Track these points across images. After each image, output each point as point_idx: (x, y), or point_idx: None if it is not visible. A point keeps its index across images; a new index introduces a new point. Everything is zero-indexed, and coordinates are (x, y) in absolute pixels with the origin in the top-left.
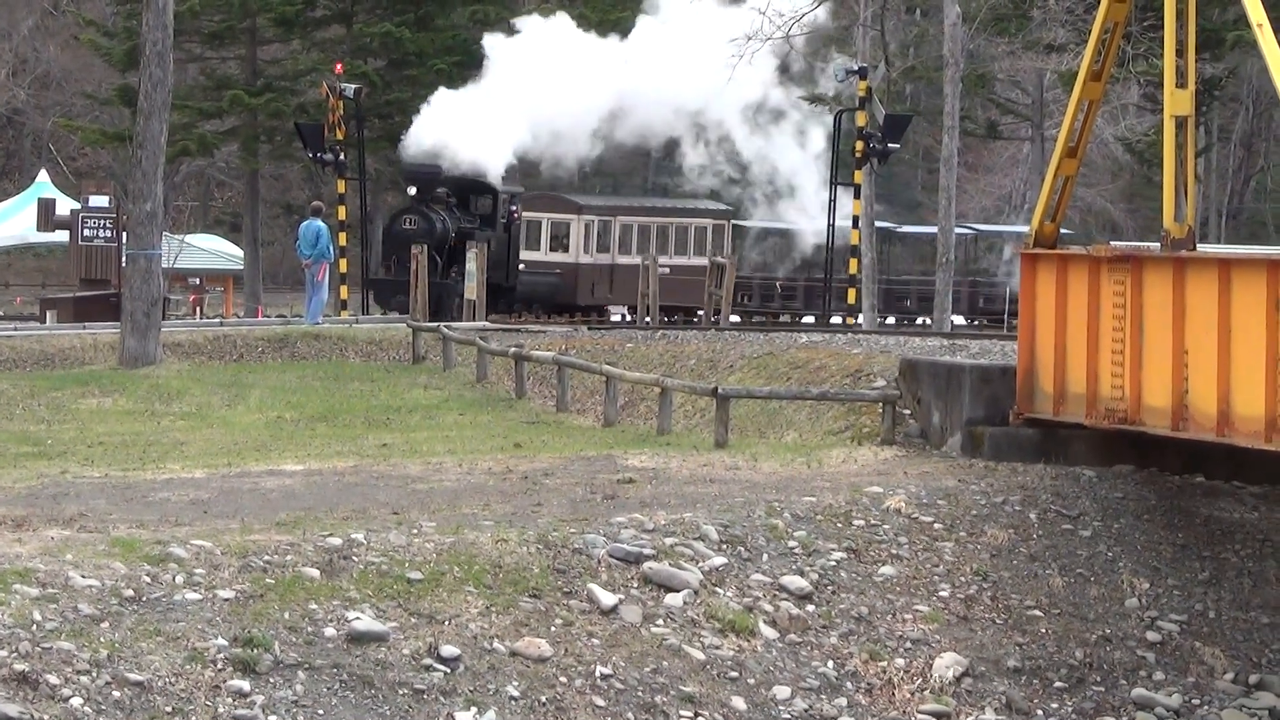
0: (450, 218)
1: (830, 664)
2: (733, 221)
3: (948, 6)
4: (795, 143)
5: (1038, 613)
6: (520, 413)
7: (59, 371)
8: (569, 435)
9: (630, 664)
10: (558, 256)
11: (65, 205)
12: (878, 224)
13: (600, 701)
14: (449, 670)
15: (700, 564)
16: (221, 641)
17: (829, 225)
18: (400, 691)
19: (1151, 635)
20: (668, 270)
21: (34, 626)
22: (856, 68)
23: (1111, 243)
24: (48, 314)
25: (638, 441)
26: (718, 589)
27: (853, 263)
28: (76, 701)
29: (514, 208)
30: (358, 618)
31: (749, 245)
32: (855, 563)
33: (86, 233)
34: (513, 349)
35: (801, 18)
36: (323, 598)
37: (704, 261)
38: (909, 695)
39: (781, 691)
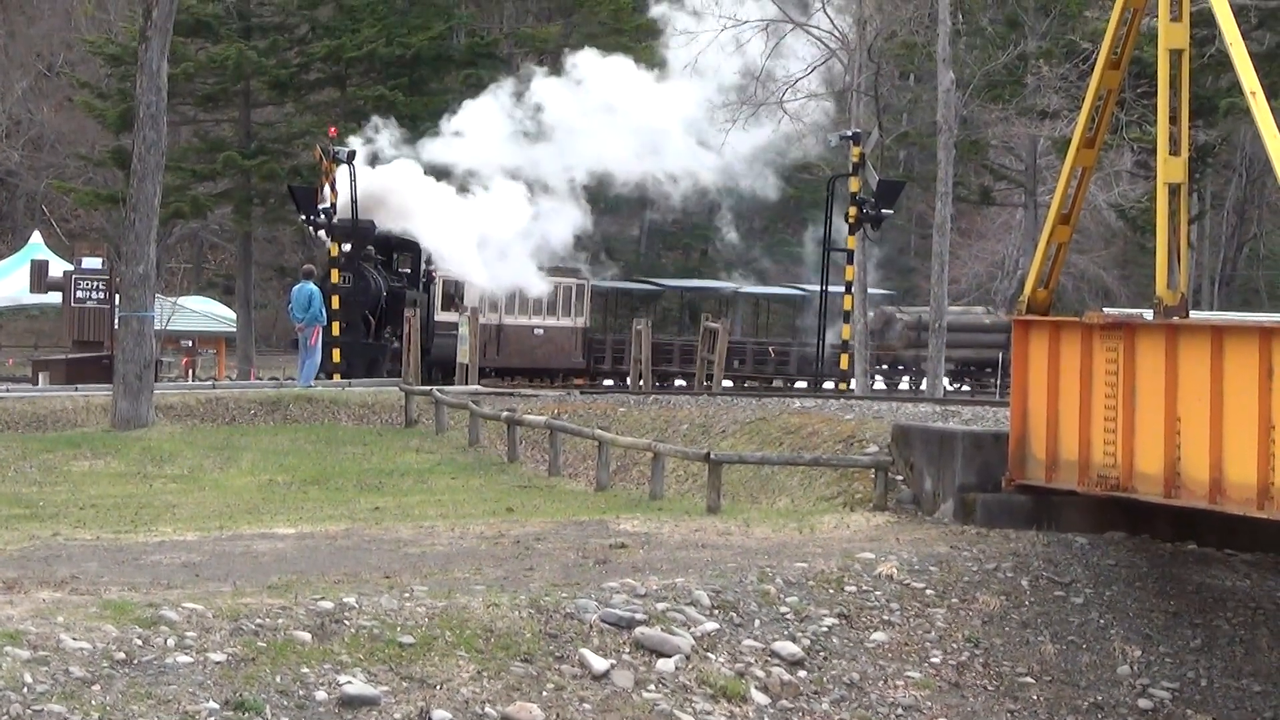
0: (381, 276)
1: None
2: (590, 283)
3: (941, 73)
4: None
5: (1029, 680)
6: (512, 477)
7: (51, 433)
8: (561, 500)
9: None
10: (456, 317)
11: (58, 267)
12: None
13: None
14: None
15: (692, 629)
16: (213, 704)
17: (822, 290)
18: None
19: (1143, 703)
20: (541, 331)
21: (25, 689)
22: (850, 133)
23: (1104, 309)
24: (40, 375)
25: (630, 506)
26: (709, 654)
27: (845, 329)
28: None
29: (431, 266)
30: (349, 681)
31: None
32: (847, 629)
33: (79, 294)
34: (505, 413)
35: (795, 82)
36: (314, 661)
37: (570, 323)
38: None
39: None
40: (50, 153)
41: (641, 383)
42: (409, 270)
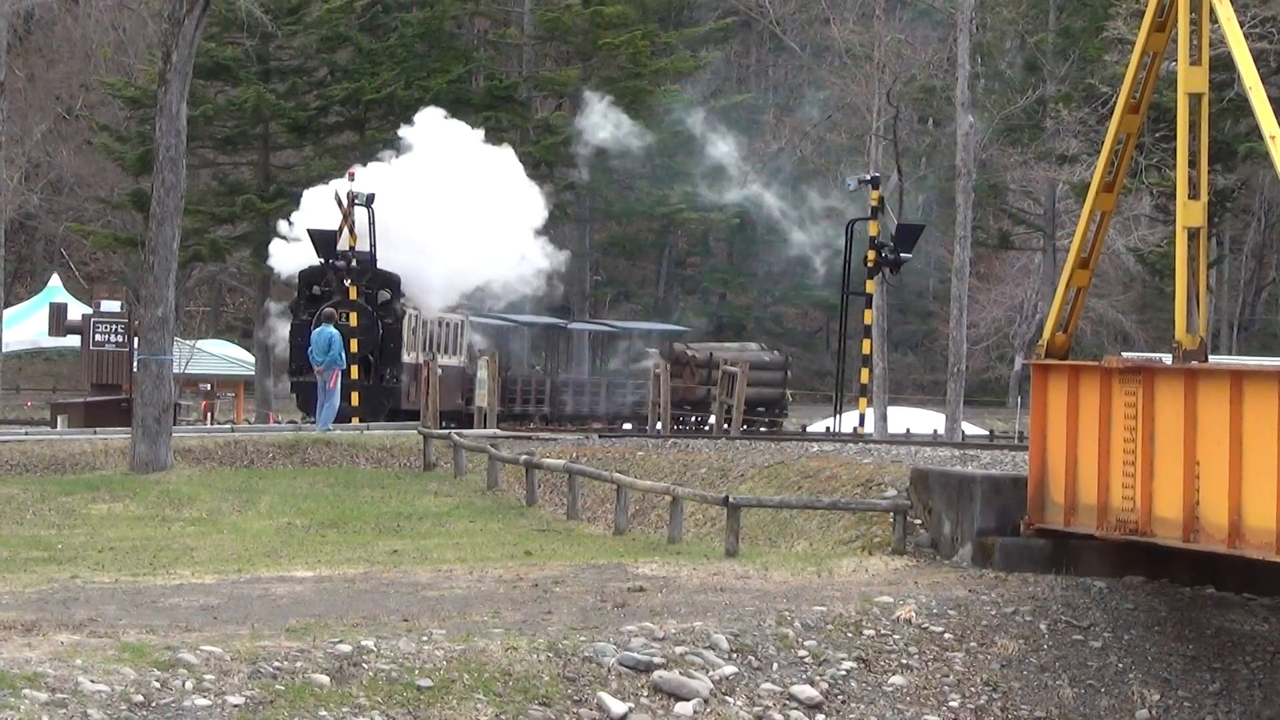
0: (378, 313)
1: None
2: (469, 319)
3: (960, 117)
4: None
5: None
6: (531, 520)
7: (69, 476)
8: (579, 543)
9: None
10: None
11: (77, 310)
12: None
13: None
14: None
15: (710, 673)
16: None
17: (841, 333)
18: None
19: None
20: (440, 371)
21: None
22: (869, 177)
23: (1123, 354)
24: (58, 418)
25: (648, 550)
26: (728, 698)
27: (864, 372)
28: None
29: (402, 298)
30: None
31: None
32: (865, 672)
33: (98, 337)
34: (524, 457)
35: (815, 124)
36: (333, 705)
37: (454, 361)
38: None
39: None
40: (69, 196)
41: (660, 426)
42: (389, 301)
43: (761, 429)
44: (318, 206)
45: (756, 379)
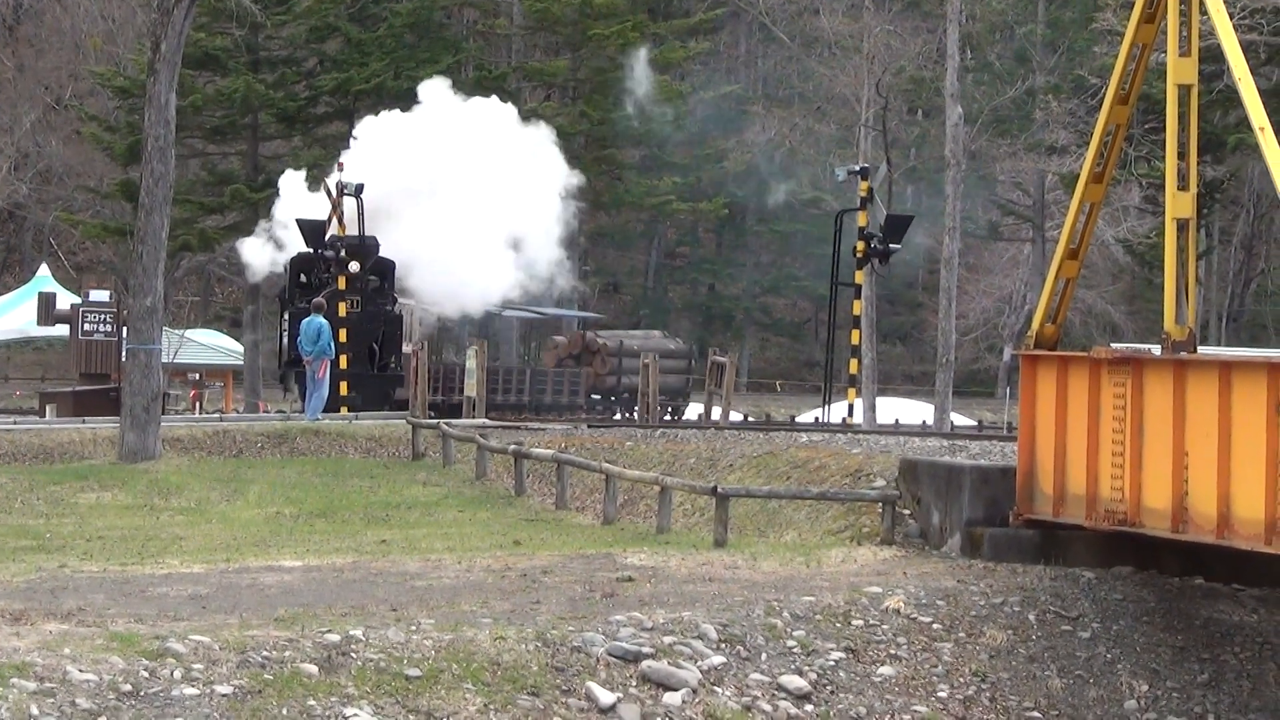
0: (379, 299)
1: None
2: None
3: (949, 107)
4: None
5: (1036, 714)
6: (519, 510)
7: (58, 465)
8: (568, 533)
9: None
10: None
11: (66, 299)
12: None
13: None
14: None
15: (699, 663)
16: None
17: (830, 324)
18: None
19: None
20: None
21: None
22: (858, 168)
23: (1112, 345)
24: (47, 408)
25: (637, 540)
26: (716, 688)
27: (852, 363)
28: None
29: (396, 286)
30: (356, 714)
31: None
32: (854, 662)
33: (87, 327)
34: (512, 446)
35: (804, 115)
36: (321, 694)
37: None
38: None
39: None
40: (58, 185)
41: (649, 416)
42: (383, 287)
43: (665, 418)
44: (295, 192)
45: (661, 367)
